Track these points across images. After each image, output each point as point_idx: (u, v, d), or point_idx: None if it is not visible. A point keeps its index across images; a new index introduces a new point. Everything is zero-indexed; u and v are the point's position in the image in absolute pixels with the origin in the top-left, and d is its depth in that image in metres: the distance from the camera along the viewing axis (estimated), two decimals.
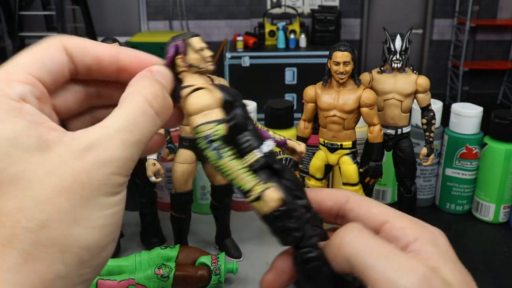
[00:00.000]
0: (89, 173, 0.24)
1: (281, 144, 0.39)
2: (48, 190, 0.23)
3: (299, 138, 0.80)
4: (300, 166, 0.81)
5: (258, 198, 0.30)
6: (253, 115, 0.94)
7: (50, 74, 0.28)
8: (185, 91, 0.33)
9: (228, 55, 3.14)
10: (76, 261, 0.24)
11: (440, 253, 0.29)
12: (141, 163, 0.78)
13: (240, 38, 3.19)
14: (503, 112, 0.90)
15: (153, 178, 0.73)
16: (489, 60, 3.79)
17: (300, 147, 0.39)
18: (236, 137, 0.32)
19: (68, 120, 0.32)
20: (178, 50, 0.35)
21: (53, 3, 2.89)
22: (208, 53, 0.35)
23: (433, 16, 3.76)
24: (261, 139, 0.32)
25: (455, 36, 3.76)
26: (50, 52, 0.28)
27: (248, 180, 0.31)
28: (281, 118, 0.94)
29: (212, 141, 0.32)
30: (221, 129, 0.32)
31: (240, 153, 0.31)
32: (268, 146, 0.32)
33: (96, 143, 0.25)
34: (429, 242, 0.29)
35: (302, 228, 0.31)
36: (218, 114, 0.33)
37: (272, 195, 0.30)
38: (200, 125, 0.32)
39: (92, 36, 3.09)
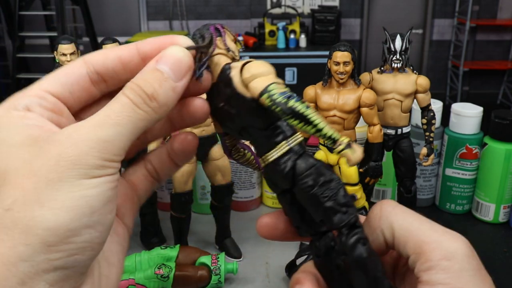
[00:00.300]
0: (59, 155, 0.24)
1: None
2: (18, 176, 0.24)
3: None
4: None
5: (349, 146, 0.29)
6: None
7: (65, 87, 0.29)
8: (237, 64, 0.31)
9: None
10: (40, 243, 0.23)
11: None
12: None
13: (240, 38, 3.19)
14: (503, 112, 0.90)
15: None
16: (489, 60, 3.79)
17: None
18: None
19: None
20: (220, 32, 0.34)
21: (53, 3, 2.88)
22: (237, 46, 0.35)
23: (433, 16, 3.76)
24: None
25: (455, 36, 3.76)
26: (67, 69, 0.30)
27: (334, 131, 0.29)
28: None
29: (290, 96, 0.30)
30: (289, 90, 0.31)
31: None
32: None
33: (72, 130, 0.25)
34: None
35: (354, 206, 0.29)
36: (279, 79, 0.32)
37: (358, 146, 0.29)
38: (273, 83, 0.30)
39: (92, 36, 3.08)
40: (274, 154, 0.31)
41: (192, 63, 0.31)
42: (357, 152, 0.29)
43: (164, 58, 0.30)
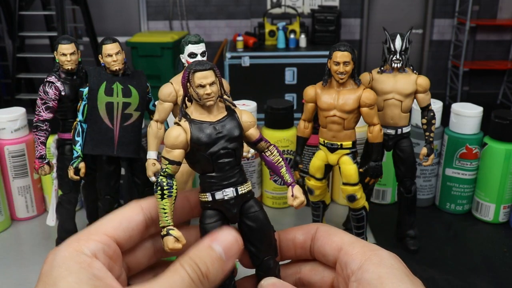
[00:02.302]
0: None
1: (286, 185, 0.43)
2: None
3: (299, 138, 0.80)
4: (300, 166, 0.81)
5: (167, 234, 0.39)
6: (253, 115, 0.94)
7: (126, 233, 0.34)
8: (176, 120, 0.41)
9: (228, 55, 3.13)
10: None
11: (386, 274, 0.33)
12: (141, 163, 0.78)
13: (240, 38, 3.19)
14: (503, 112, 0.90)
15: (153, 178, 0.73)
16: (489, 60, 3.79)
17: (295, 201, 0.43)
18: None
19: (133, 277, 0.38)
20: (188, 78, 0.41)
21: (53, 3, 2.88)
22: (209, 90, 0.40)
23: (433, 16, 3.76)
24: None
25: (455, 36, 3.76)
26: (128, 214, 0.35)
27: (165, 220, 0.39)
28: (281, 118, 0.94)
29: (161, 174, 0.40)
30: (168, 169, 0.40)
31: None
32: None
33: None
34: (374, 264, 0.34)
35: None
36: (174, 154, 0.41)
37: (176, 236, 0.40)
38: (163, 156, 0.40)
39: (92, 36, 3.08)
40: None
41: (242, 247, 0.37)
42: (168, 243, 0.37)
43: (219, 238, 0.35)
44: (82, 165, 0.74)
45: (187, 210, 0.41)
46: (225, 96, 0.43)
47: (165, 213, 0.39)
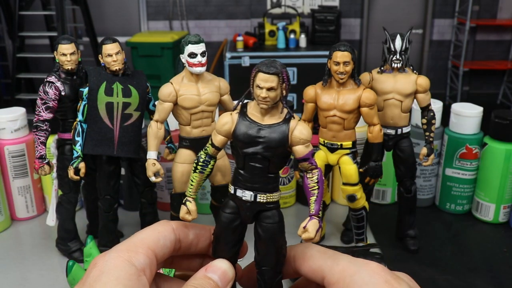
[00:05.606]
0: None
1: (308, 214, 0.43)
2: None
3: None
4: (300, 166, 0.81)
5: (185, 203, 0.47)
6: None
7: (162, 249, 0.35)
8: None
9: (228, 55, 3.13)
10: None
11: None
12: (141, 163, 0.78)
13: (240, 38, 3.19)
14: (503, 112, 0.90)
15: (153, 178, 0.73)
16: (489, 60, 3.79)
17: (304, 234, 0.43)
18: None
19: None
20: (253, 74, 0.42)
21: (53, 3, 2.88)
22: (265, 94, 0.41)
23: (433, 16, 3.75)
24: None
25: (455, 36, 3.76)
26: (163, 232, 0.36)
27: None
28: None
29: (203, 150, 0.43)
30: (209, 149, 0.43)
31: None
32: None
33: None
34: None
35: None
36: (217, 139, 0.42)
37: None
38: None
39: (92, 36, 3.08)
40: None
41: (234, 273, 0.39)
42: (180, 212, 0.43)
43: (213, 267, 0.37)
44: (82, 165, 0.74)
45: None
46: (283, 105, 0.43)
47: (192, 185, 0.44)
